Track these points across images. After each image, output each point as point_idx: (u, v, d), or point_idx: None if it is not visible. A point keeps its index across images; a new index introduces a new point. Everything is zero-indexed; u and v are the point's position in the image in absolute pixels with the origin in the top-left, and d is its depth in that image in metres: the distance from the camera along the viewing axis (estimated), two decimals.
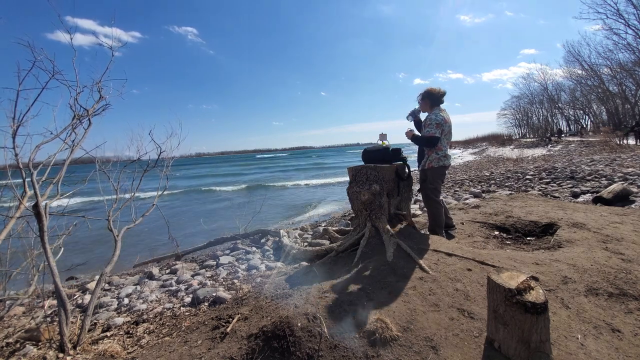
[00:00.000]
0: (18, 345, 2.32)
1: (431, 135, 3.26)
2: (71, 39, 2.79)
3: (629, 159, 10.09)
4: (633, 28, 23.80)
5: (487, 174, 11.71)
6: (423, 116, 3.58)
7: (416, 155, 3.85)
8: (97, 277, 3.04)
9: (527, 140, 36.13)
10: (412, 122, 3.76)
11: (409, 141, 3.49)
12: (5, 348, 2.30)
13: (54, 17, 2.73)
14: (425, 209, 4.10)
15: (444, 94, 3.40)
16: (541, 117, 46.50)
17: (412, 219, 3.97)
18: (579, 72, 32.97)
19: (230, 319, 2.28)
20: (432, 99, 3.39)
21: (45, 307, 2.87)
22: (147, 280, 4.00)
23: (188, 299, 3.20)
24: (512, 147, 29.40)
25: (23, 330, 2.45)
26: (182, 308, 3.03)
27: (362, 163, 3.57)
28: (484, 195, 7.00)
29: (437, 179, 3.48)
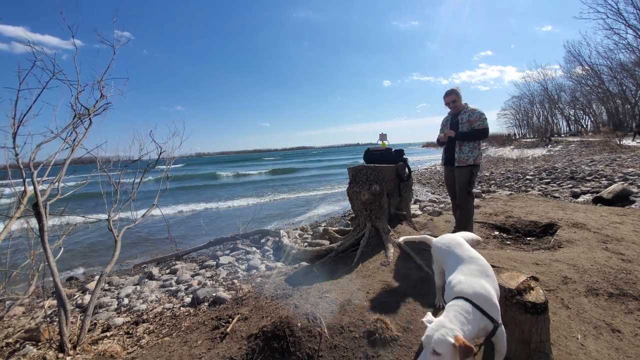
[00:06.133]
0: (18, 345, 2.31)
1: (487, 127, 3.24)
2: (73, 36, 2.79)
3: (629, 159, 10.09)
4: (633, 28, 23.82)
5: (487, 174, 11.71)
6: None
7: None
8: (97, 277, 3.04)
9: (527, 140, 36.12)
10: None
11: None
12: (5, 348, 2.30)
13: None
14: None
15: None
16: (541, 118, 46.51)
17: (412, 219, 3.98)
18: (580, 71, 33.01)
19: (230, 319, 2.28)
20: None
21: (45, 307, 2.86)
22: (147, 280, 3.99)
23: (188, 299, 3.20)
24: (512, 147, 29.38)
25: (23, 330, 2.45)
26: (182, 308, 3.02)
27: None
28: (484, 195, 6.99)
29: (477, 174, 3.46)
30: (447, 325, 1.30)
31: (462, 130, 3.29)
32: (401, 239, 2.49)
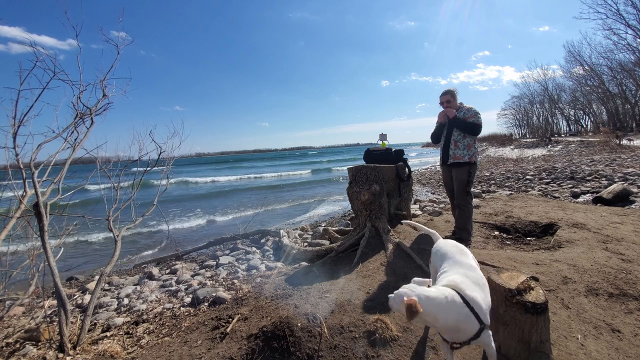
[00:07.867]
0: (18, 345, 2.31)
1: (481, 124, 3.22)
2: (76, 36, 2.80)
3: (629, 159, 10.09)
4: (633, 28, 23.81)
5: (487, 174, 11.71)
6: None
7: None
8: (97, 277, 3.04)
9: (527, 140, 36.11)
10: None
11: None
12: (5, 348, 2.30)
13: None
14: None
15: None
16: (541, 118, 46.45)
17: (412, 219, 3.98)
18: (580, 71, 32.99)
19: (230, 319, 2.28)
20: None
21: (45, 307, 2.86)
22: (147, 280, 3.99)
23: (188, 299, 3.20)
24: (512, 147, 29.37)
25: (23, 330, 2.45)
26: (182, 308, 3.02)
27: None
28: (484, 195, 6.99)
29: (475, 173, 3.41)
30: (417, 289, 1.28)
31: (458, 128, 3.27)
32: (405, 221, 2.40)
